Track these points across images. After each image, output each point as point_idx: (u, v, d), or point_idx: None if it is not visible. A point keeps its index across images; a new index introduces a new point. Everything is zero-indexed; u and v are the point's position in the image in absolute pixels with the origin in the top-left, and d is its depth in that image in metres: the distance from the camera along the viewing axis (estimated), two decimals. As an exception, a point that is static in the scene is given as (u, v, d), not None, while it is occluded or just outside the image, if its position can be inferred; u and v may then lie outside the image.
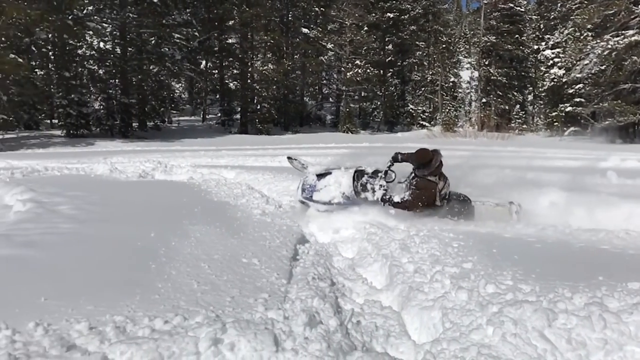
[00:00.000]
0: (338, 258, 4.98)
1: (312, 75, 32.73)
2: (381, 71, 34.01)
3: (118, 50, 25.54)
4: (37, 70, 25.32)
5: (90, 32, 24.77)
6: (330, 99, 38.13)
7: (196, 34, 27.06)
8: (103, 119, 24.84)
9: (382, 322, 3.42)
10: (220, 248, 4.60)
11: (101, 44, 26.08)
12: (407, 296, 3.64)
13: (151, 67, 25.69)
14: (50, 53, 26.29)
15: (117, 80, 25.56)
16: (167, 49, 25.92)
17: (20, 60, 17.91)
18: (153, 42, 25.92)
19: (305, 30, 30.91)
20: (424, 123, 36.41)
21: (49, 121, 27.54)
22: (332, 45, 31.51)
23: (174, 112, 31.73)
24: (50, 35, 23.97)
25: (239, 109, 30.26)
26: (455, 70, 48.31)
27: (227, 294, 3.48)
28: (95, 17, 25.05)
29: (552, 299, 2.93)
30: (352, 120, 30.01)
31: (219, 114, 31.54)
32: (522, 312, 2.84)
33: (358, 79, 29.31)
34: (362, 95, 32.58)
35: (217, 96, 33.56)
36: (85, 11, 24.40)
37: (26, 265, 4.06)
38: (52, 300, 3.23)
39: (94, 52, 25.56)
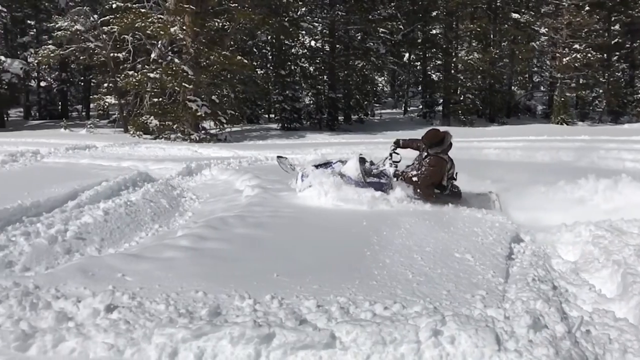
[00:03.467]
0: (558, 260, 4.59)
1: (521, 63, 30.51)
2: (605, 55, 30.33)
3: (327, 47, 27.12)
4: (257, 69, 28.15)
5: (303, 32, 26.68)
6: (542, 87, 35.26)
7: (400, 26, 27.34)
8: (313, 113, 26.69)
9: (616, 335, 3.06)
10: (431, 241, 4.60)
11: (312, 43, 27.96)
12: (648, 310, 3.21)
13: (356, 63, 26.72)
14: (269, 53, 29.06)
15: (325, 76, 27.16)
16: (372, 44, 26.71)
17: (245, 61, 20.07)
18: (359, 37, 26.93)
19: (515, 15, 29.04)
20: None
21: (267, 116, 30.48)
22: (546, 29, 29.08)
23: (377, 105, 32.57)
24: (269, 37, 26.43)
25: (441, 100, 29.83)
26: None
27: (443, 287, 3.47)
28: (308, 17, 26.96)
29: None
30: (567, 111, 27.34)
31: (421, 106, 31.46)
32: None
33: (576, 64, 26.55)
34: (581, 82, 29.43)
35: (419, 88, 33.51)
36: (299, 13, 26.37)
37: (258, 243, 4.57)
38: (282, 277, 3.58)
39: (305, 50, 27.54)
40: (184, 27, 18.60)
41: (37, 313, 2.84)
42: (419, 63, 32.45)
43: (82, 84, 30.36)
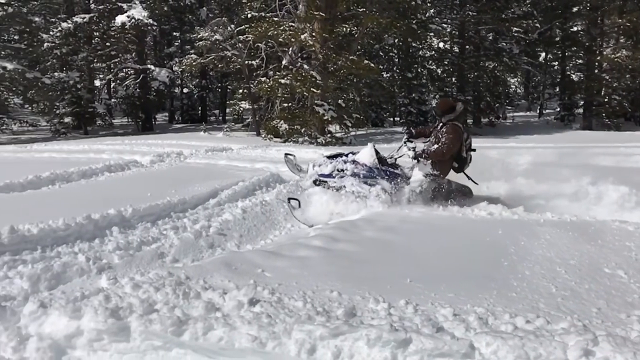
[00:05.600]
0: None
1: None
2: None
3: (456, 49, 26.39)
4: (383, 73, 28.18)
5: (431, 34, 26.22)
6: None
7: (536, 24, 25.83)
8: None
9: None
10: (575, 253, 4.26)
11: (440, 44, 27.39)
12: None
13: (487, 64, 25.70)
14: (395, 56, 28.94)
15: (453, 79, 26.46)
16: (504, 44, 25.52)
17: (372, 64, 20.18)
18: (490, 37, 25.87)
19: (672, 6, 26.10)
20: None
21: (392, 119, 30.37)
22: None
23: (509, 107, 31.07)
24: (396, 40, 26.33)
25: (582, 102, 27.61)
26: None
27: (592, 304, 3.19)
28: (436, 18, 26.43)
29: None
30: None
31: (558, 109, 29.38)
32: None
33: None
34: None
35: (557, 89, 31.34)
36: (427, 14, 25.96)
37: (388, 247, 4.56)
38: (416, 282, 3.54)
39: (433, 52, 27.04)
40: (314, 34, 19.16)
41: (188, 302, 3.09)
42: (557, 63, 30.37)
43: (220, 90, 32.59)
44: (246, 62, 22.27)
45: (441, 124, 6.51)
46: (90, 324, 2.82)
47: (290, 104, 20.49)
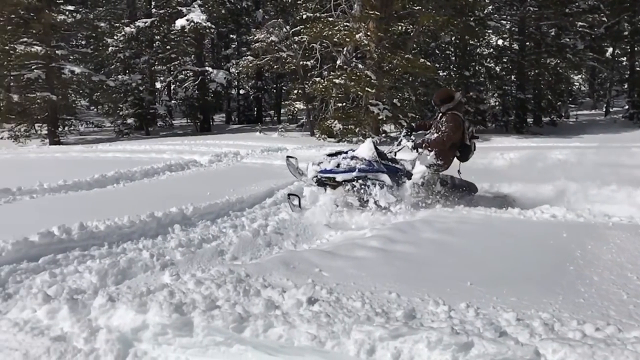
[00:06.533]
0: None
1: None
2: None
3: (515, 46, 25.58)
4: (440, 71, 27.70)
5: (490, 31, 25.54)
6: None
7: (603, 18, 24.64)
8: (498, 115, 25.40)
9: None
10: (648, 258, 4.05)
11: (499, 42, 26.62)
12: None
13: (549, 60, 24.77)
14: (452, 54, 28.38)
15: (513, 76, 25.67)
16: (567, 39, 24.53)
17: (428, 63, 19.87)
18: (552, 33, 24.92)
19: None
20: None
21: (448, 118, 29.82)
22: None
23: (572, 106, 29.78)
24: (453, 38, 25.82)
25: (652, 99, 26.21)
26: None
27: (669, 312, 3.02)
28: (495, 15, 25.71)
29: None
30: None
31: (627, 107, 27.93)
32: None
33: None
34: None
35: (625, 86, 29.82)
36: (485, 11, 25.30)
37: (447, 248, 4.48)
38: (476, 285, 3.46)
39: (492, 50, 26.32)
40: (368, 33, 19.08)
41: (249, 299, 3.14)
42: (625, 58, 28.90)
43: (275, 91, 33.01)
44: (301, 62, 22.45)
45: (440, 114, 6.51)
46: (156, 318, 2.92)
47: (344, 104, 20.49)
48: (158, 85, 29.63)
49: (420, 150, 6.32)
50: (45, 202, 6.81)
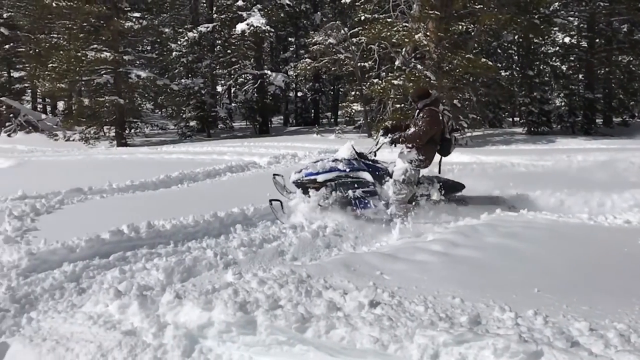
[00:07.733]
0: None
1: None
2: None
3: (584, 43, 24.50)
4: (502, 71, 26.91)
5: (556, 29, 24.59)
6: None
7: (680, 13, 23.24)
8: (564, 116, 24.39)
9: None
10: None
11: (566, 39, 25.57)
12: None
13: (621, 58, 23.58)
14: (515, 54, 27.50)
15: (580, 75, 24.61)
16: (641, 36, 23.31)
17: (490, 63, 19.35)
18: (625, 29, 23.71)
19: None
20: None
21: (510, 119, 28.93)
22: None
23: (647, 105, 28.25)
24: (516, 37, 25.03)
25: None
26: None
27: None
28: (562, 12, 24.71)
29: None
30: None
31: None
32: None
33: None
34: None
35: None
36: (551, 8, 24.37)
37: (512, 254, 4.34)
38: (544, 292, 3.33)
39: (557, 48, 25.33)
40: (428, 33, 18.81)
41: (311, 300, 3.16)
42: None
43: (332, 93, 33.12)
44: (359, 64, 22.40)
45: (418, 110, 6.51)
46: (221, 316, 2.99)
47: (402, 105, 20.27)
48: (219, 88, 30.35)
49: (398, 145, 6.36)
50: (115, 202, 7.13)
